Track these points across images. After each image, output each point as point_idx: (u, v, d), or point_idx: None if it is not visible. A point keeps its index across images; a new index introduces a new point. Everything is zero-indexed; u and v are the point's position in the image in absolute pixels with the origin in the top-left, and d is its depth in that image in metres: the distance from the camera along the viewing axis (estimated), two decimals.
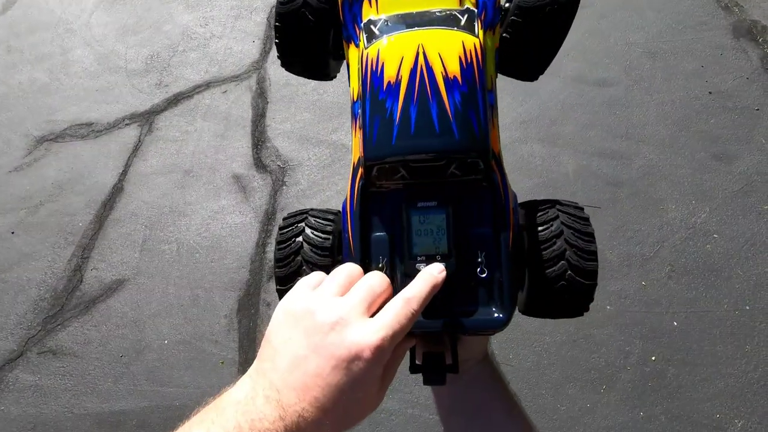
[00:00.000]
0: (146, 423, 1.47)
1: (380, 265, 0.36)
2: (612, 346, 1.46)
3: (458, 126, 0.35)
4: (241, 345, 1.58)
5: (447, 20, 0.38)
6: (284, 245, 0.39)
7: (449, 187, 0.37)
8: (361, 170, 0.37)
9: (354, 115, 0.39)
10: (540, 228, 0.36)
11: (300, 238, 0.38)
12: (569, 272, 0.35)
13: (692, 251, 1.63)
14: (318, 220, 0.39)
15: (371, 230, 0.37)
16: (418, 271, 0.34)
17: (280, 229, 0.40)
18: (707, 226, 1.68)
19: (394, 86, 0.35)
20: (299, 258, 0.38)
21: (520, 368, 1.46)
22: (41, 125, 2.36)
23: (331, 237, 0.38)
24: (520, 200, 0.40)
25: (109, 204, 2.03)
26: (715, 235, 1.66)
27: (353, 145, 0.39)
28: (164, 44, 2.69)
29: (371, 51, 0.37)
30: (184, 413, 0.31)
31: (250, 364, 0.34)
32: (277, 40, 0.45)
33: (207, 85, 2.45)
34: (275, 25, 0.45)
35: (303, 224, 0.39)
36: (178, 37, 2.67)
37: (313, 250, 0.37)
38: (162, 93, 2.44)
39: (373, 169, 0.36)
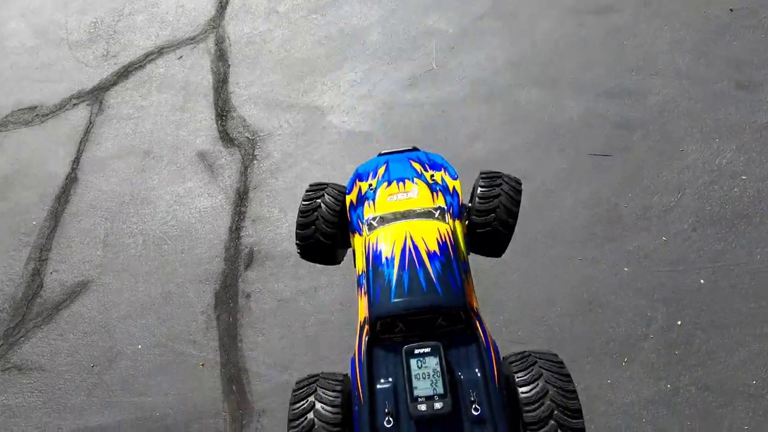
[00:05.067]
0: None
1: (386, 410, 0.41)
2: (632, 313, 1.31)
3: (441, 285, 0.45)
4: (222, 343, 1.43)
5: (425, 214, 0.53)
6: (298, 405, 0.43)
7: (439, 337, 0.44)
8: (367, 327, 0.45)
9: (359, 285, 0.50)
10: (526, 389, 0.40)
11: (312, 398, 0.42)
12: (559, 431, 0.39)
13: (718, 197, 1.44)
14: (328, 381, 0.44)
15: (377, 381, 0.43)
16: (420, 411, 0.39)
17: (294, 391, 0.44)
18: (733, 167, 1.48)
19: (390, 260, 0.47)
20: (311, 416, 0.41)
21: (531, 345, 1.31)
22: None
23: (340, 396, 0.43)
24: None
25: (63, 197, 1.83)
26: (743, 177, 1.46)
27: (359, 308, 0.49)
28: (108, 8, 2.37)
29: (372, 237, 0.51)
30: (165, 424, 0.16)
31: (233, 365, 0.19)
32: (299, 250, 0.61)
33: (159, 52, 2.17)
34: (297, 243, 0.60)
35: (315, 385, 0.44)
36: None
37: (325, 408, 0.41)
38: (110, 65, 2.16)
39: (377, 325, 0.44)
